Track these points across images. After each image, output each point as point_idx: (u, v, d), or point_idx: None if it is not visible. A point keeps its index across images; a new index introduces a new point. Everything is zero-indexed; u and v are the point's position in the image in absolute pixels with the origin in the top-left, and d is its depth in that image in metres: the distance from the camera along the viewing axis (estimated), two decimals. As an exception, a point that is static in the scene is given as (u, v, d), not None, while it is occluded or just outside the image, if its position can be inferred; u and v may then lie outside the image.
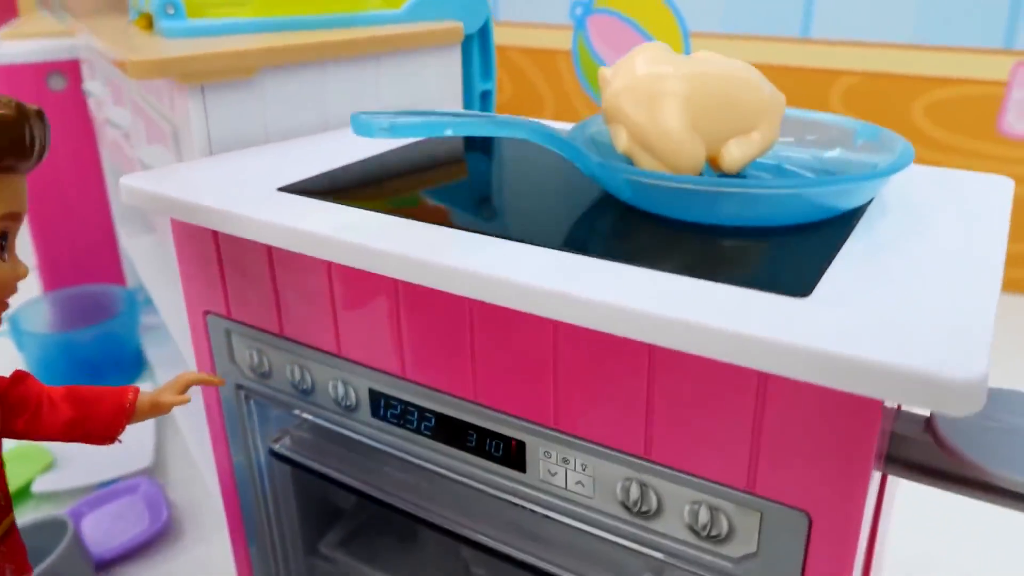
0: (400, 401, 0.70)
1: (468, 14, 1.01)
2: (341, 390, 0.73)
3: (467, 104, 1.08)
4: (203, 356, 0.84)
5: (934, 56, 1.86)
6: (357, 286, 0.67)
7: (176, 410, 1.40)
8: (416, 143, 0.86)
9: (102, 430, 0.68)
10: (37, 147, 0.56)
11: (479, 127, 0.59)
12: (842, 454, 0.50)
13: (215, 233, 0.75)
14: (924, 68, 1.88)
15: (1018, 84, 1.84)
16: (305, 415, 0.78)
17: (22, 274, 0.58)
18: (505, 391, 0.63)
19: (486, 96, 1.10)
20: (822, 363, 0.44)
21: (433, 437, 0.69)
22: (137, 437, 1.39)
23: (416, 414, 0.69)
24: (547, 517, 0.65)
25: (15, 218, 0.57)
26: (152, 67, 0.74)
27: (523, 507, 0.66)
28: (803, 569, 0.54)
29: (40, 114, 0.56)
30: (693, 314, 0.48)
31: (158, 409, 0.71)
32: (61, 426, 0.66)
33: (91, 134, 1.80)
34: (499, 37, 1.08)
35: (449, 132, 0.57)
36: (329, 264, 0.68)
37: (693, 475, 0.57)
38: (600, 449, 0.60)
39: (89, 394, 0.68)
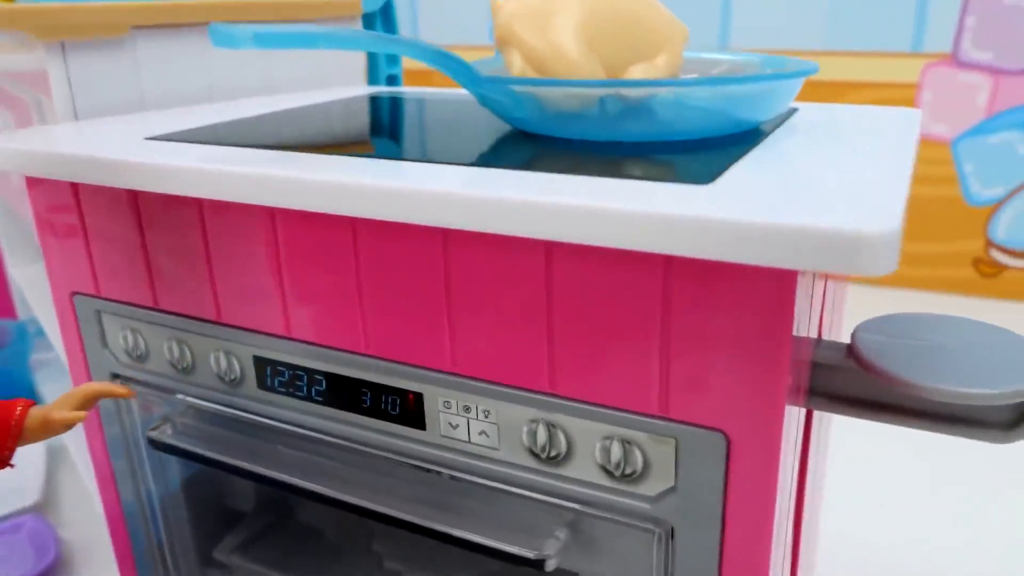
0: (287, 366, 0.63)
1: (366, -10, 0.97)
2: (224, 363, 0.66)
3: (372, 91, 1.04)
4: (73, 344, 0.76)
5: (846, 61, 1.89)
6: (234, 235, 0.61)
7: (68, 436, 1.30)
8: (314, 106, 0.80)
9: None
10: None
11: (358, 43, 0.54)
12: (757, 357, 0.45)
13: (77, 198, 0.68)
14: (837, 74, 1.91)
15: (928, 86, 1.88)
16: (189, 398, 0.71)
17: None
18: (398, 338, 0.57)
19: (392, 81, 1.06)
20: (731, 233, 0.40)
21: (325, 403, 0.63)
22: (21, 469, 1.27)
23: (305, 378, 0.63)
24: (453, 479, 0.59)
25: None
26: (5, 16, 0.68)
27: (427, 470, 0.60)
28: (724, 499, 0.49)
29: None
30: (594, 200, 0.43)
31: (49, 428, 0.58)
32: None
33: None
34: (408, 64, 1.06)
35: (323, 45, 0.51)
36: (202, 213, 0.62)
37: (602, 406, 0.51)
38: (502, 390, 0.54)
39: None
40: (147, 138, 0.65)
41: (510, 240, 0.50)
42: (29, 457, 1.33)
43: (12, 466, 0.58)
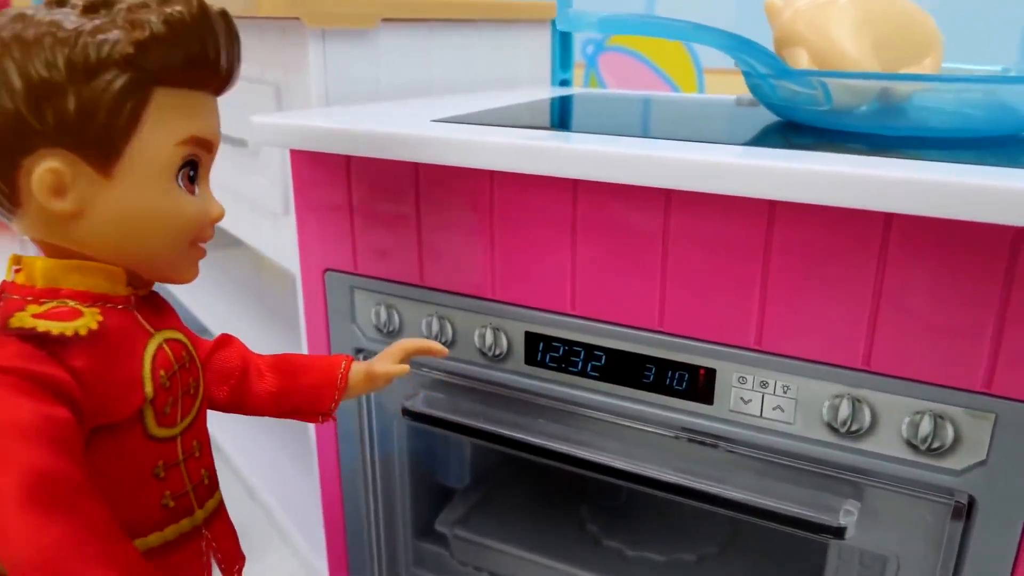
0: (564, 342, 0.66)
1: (555, -4, 1.01)
2: (490, 338, 0.70)
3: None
4: (317, 321, 0.79)
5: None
6: (523, 210, 0.65)
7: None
8: (540, 100, 0.84)
9: (309, 404, 0.60)
10: (224, 64, 0.46)
11: (683, 33, 0.57)
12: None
13: (348, 172, 0.72)
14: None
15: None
16: (434, 373, 0.74)
17: (215, 215, 0.49)
18: (697, 314, 0.60)
19: (564, 84, 1.10)
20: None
21: (602, 378, 0.66)
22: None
23: (583, 354, 0.66)
24: (731, 452, 0.62)
25: (205, 146, 0.47)
26: (282, 4, 0.72)
27: (701, 443, 0.63)
28: (1039, 474, 0.52)
29: (225, 17, 0.46)
30: (936, 174, 0.46)
31: (373, 382, 0.61)
32: (267, 397, 0.58)
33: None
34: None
35: (657, 33, 0.55)
36: (491, 183, 0.65)
37: (919, 381, 0.54)
38: (808, 365, 0.57)
39: (297, 363, 0.60)
40: (433, 120, 0.69)
41: (842, 212, 0.52)
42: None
43: (334, 419, 0.61)
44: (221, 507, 0.54)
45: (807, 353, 0.57)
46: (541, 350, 0.68)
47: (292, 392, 0.59)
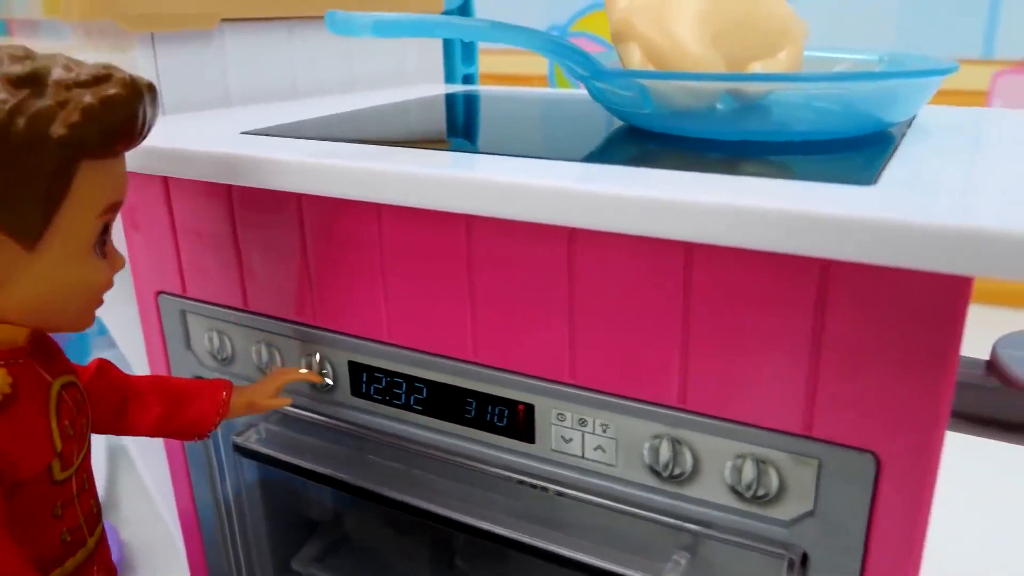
0: (385, 372, 0.61)
1: (447, -13, 0.94)
2: (316, 368, 0.64)
3: (446, 91, 1.01)
4: (155, 346, 0.74)
5: (913, 68, 1.85)
6: (335, 234, 0.59)
7: (128, 439, 1.29)
8: (402, 103, 0.78)
9: (190, 429, 0.60)
10: (147, 128, 0.46)
11: (476, 31, 0.51)
12: (921, 372, 0.42)
13: (168, 194, 0.66)
14: (904, 80, 1.86)
15: (998, 93, 1.83)
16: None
17: (118, 267, 0.49)
18: (511, 346, 0.54)
19: (468, 80, 1.04)
20: (902, 235, 0.36)
21: (425, 412, 0.60)
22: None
23: (404, 386, 0.60)
24: (560, 495, 0.56)
25: (117, 208, 0.47)
26: (92, 6, 0.66)
27: (532, 485, 0.57)
28: (869, 526, 0.46)
29: (152, 89, 0.46)
30: (740, 199, 0.40)
31: (254, 410, 0.62)
32: (148, 423, 0.59)
33: None
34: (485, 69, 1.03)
35: (442, 33, 0.49)
36: (301, 208, 0.59)
37: (737, 423, 0.48)
38: (624, 403, 0.51)
39: (179, 389, 0.60)
40: (243, 132, 0.63)
41: (644, 241, 0.47)
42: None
43: (208, 438, 0.64)
44: (103, 533, 0.54)
45: (622, 389, 0.51)
46: (365, 381, 0.62)
47: (174, 418, 0.59)
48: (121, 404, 0.58)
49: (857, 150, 0.51)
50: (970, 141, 0.55)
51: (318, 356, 0.64)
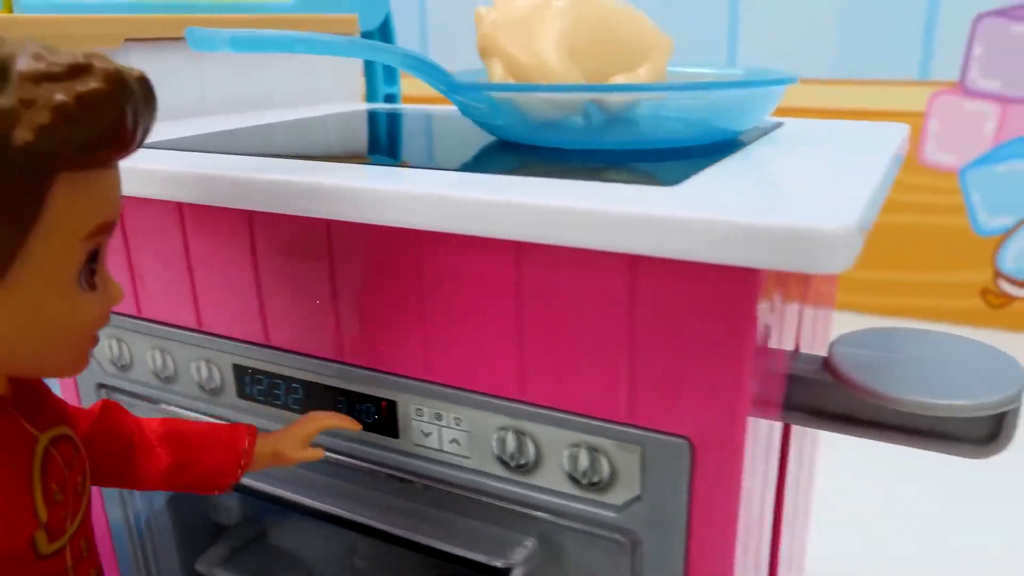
0: (265, 374, 0.63)
1: (365, 9, 0.98)
2: (205, 371, 0.67)
3: (370, 111, 1.05)
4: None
5: (853, 89, 1.90)
6: (212, 240, 0.62)
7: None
8: (302, 120, 0.81)
9: (208, 480, 0.54)
10: (140, 132, 0.38)
11: (332, 47, 0.54)
12: (721, 361, 0.45)
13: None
14: (844, 102, 1.91)
15: (935, 114, 1.88)
16: (172, 408, 0.71)
17: (116, 301, 0.41)
18: (372, 345, 0.57)
19: (390, 100, 1.07)
20: (690, 230, 0.40)
21: (303, 411, 0.63)
22: None
23: (283, 387, 0.63)
24: (427, 488, 0.59)
25: (108, 229, 0.39)
26: None
27: (400, 479, 0.60)
28: (689, 508, 0.49)
29: (143, 82, 0.38)
30: (556, 200, 0.44)
31: (280, 462, 0.56)
32: (157, 475, 0.52)
33: None
34: (414, 89, 1.04)
35: (297, 49, 0.52)
36: (182, 216, 0.62)
37: (570, 413, 0.51)
38: (472, 397, 0.54)
39: (194, 436, 0.53)
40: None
41: (480, 242, 0.50)
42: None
43: (232, 491, 0.56)
44: None
45: (470, 383, 0.54)
46: (248, 383, 0.65)
47: (186, 469, 0.53)
48: (127, 451, 0.51)
49: (696, 156, 0.55)
50: (810, 149, 0.58)
51: (204, 360, 0.66)
